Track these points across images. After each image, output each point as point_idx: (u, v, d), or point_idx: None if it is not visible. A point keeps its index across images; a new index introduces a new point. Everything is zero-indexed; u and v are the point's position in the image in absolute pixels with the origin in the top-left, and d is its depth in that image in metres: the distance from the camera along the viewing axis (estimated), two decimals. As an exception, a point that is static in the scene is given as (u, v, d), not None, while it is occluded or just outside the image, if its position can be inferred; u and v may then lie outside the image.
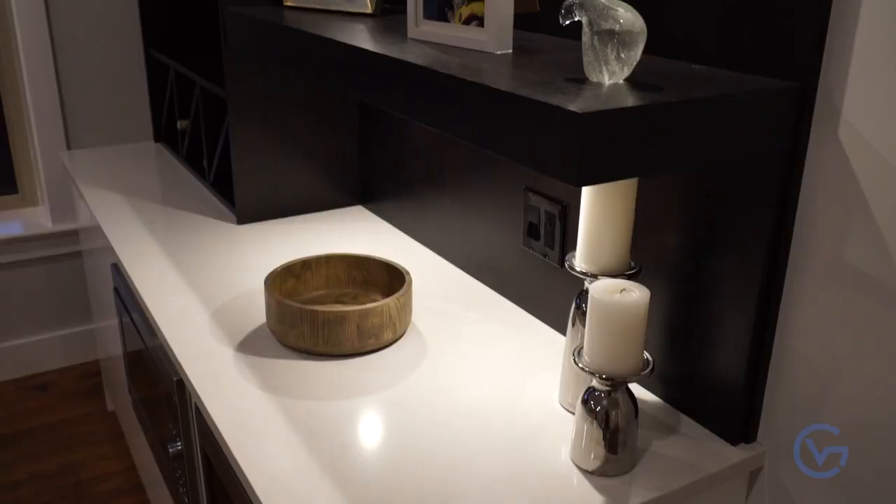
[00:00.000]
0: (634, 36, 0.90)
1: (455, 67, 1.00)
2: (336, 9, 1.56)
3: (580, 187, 0.92)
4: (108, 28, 2.66)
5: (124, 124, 2.77)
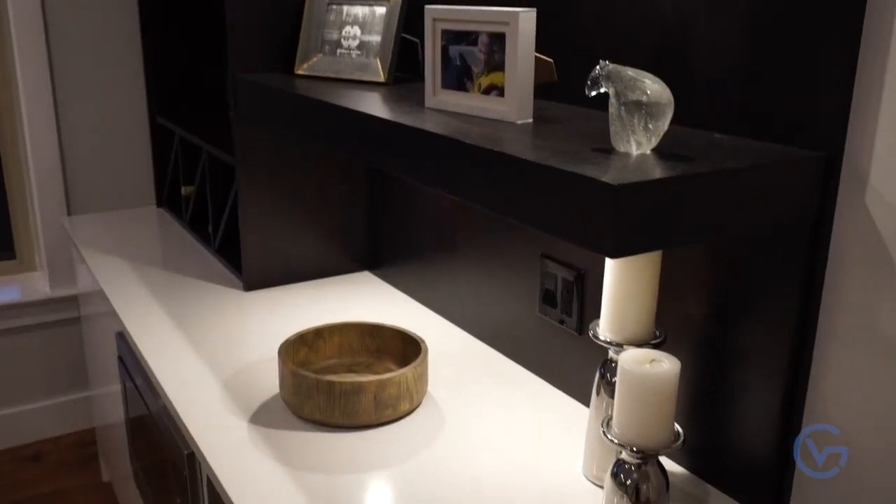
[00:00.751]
0: (662, 107, 0.90)
1: (479, 137, 1.01)
2: (348, 77, 1.58)
3: (615, 258, 0.91)
4: (114, 94, 2.68)
5: (126, 190, 2.77)
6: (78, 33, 2.59)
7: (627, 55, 1.16)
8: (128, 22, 2.63)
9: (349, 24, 1.60)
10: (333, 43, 1.62)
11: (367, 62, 1.56)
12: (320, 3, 1.65)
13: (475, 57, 1.16)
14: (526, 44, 1.09)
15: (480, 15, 1.13)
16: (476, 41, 1.15)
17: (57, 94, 2.60)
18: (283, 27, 1.72)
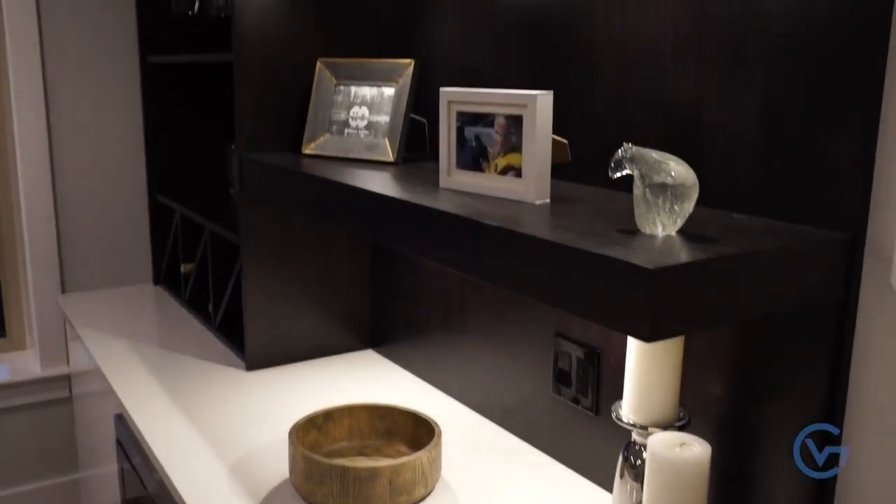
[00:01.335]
0: (687, 189, 0.91)
1: (502, 218, 1.00)
2: (356, 157, 1.59)
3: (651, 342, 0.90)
4: (113, 171, 2.68)
5: (122, 267, 2.75)
6: (78, 108, 2.60)
7: (641, 135, 1.18)
8: (130, 99, 2.65)
9: (357, 104, 1.62)
10: (341, 123, 1.64)
11: (376, 142, 1.57)
12: (328, 84, 1.67)
13: (491, 138, 1.17)
14: (543, 125, 1.10)
15: (497, 98, 1.14)
16: (492, 123, 1.16)
17: (55, 170, 2.60)
18: (290, 107, 1.74)
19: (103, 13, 2.58)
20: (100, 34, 2.59)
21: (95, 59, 2.60)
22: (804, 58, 0.96)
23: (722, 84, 1.06)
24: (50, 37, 2.54)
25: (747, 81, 1.02)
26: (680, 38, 1.11)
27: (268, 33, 1.69)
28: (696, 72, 1.09)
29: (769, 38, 0.99)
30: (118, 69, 2.62)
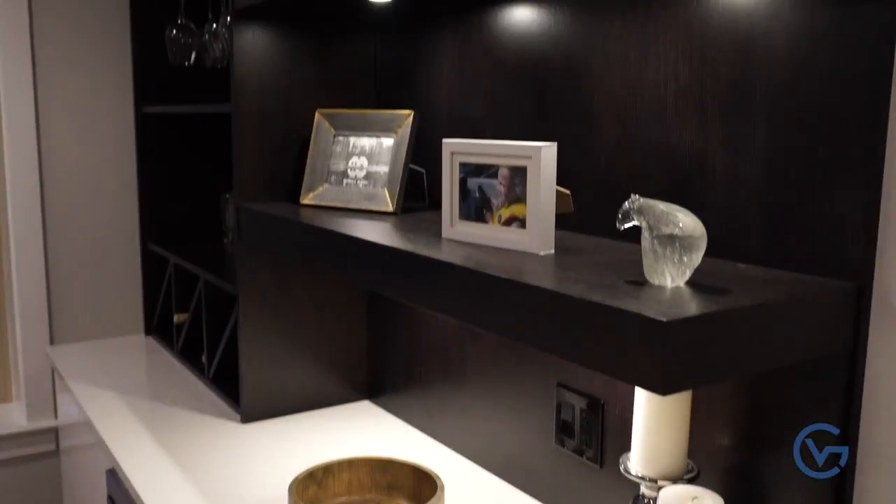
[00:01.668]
0: (695, 240, 0.91)
1: (509, 270, 1.00)
2: (355, 207, 1.59)
3: (665, 395, 0.89)
4: (105, 222, 2.67)
5: (113, 317, 2.72)
6: (71, 157, 2.60)
7: (644, 185, 1.19)
8: (123, 147, 2.65)
9: (356, 154, 1.63)
10: (340, 173, 1.64)
11: (375, 192, 1.58)
12: (327, 135, 1.68)
13: (495, 189, 1.17)
14: (548, 177, 1.11)
15: (501, 149, 1.15)
16: (496, 174, 1.16)
17: (46, 218, 2.59)
18: (288, 157, 1.74)
19: (100, 63, 2.59)
20: (95, 83, 2.60)
21: (90, 107, 2.61)
22: (806, 108, 0.97)
23: (724, 133, 1.07)
24: (44, 84, 2.55)
25: (750, 131, 1.04)
26: (681, 88, 1.12)
27: (266, 84, 1.70)
28: (698, 121, 1.10)
29: (771, 88, 1.01)
30: (113, 118, 2.63)
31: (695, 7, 1.09)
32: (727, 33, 1.05)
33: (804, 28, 0.96)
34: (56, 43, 2.55)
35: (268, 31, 1.68)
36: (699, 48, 1.09)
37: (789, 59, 0.98)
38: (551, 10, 1.32)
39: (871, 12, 0.90)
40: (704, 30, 1.08)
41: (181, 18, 2.22)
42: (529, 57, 1.38)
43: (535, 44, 1.36)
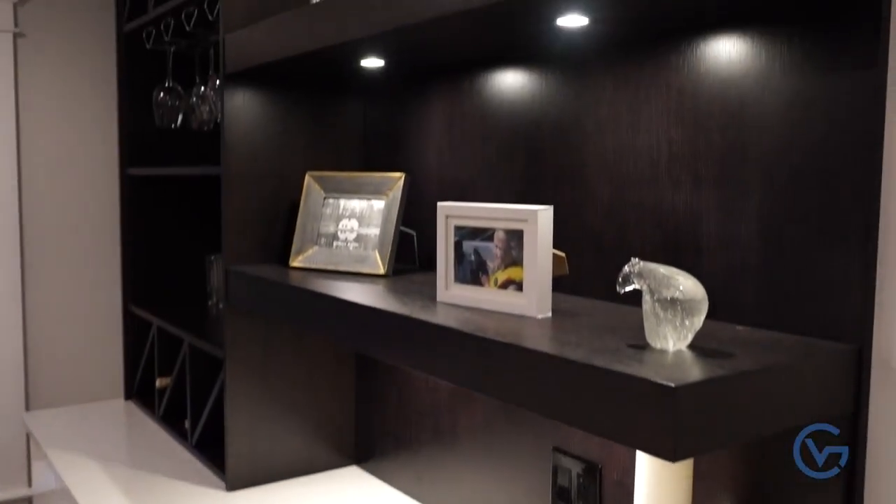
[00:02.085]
0: (697, 304, 0.91)
1: (506, 333, 1.00)
2: (346, 270, 1.58)
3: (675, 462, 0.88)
4: (86, 284, 2.63)
5: (92, 381, 2.66)
6: (53, 217, 2.58)
7: (638, 247, 1.19)
8: (107, 209, 2.63)
9: (346, 217, 1.63)
10: (330, 235, 1.64)
11: (366, 254, 1.57)
12: (316, 197, 1.68)
13: (491, 252, 1.17)
14: (545, 240, 1.11)
15: (497, 212, 1.15)
16: (491, 237, 1.17)
17: (25, 277, 2.55)
18: (277, 220, 1.73)
19: (86, 123, 2.60)
20: (81, 144, 2.60)
21: (74, 167, 2.60)
22: (800, 173, 0.98)
23: (719, 197, 1.08)
24: (28, 142, 2.54)
25: (744, 194, 1.05)
26: (674, 152, 1.13)
27: (256, 146, 1.70)
28: (692, 186, 1.11)
29: (764, 153, 1.02)
30: (97, 179, 2.62)
31: (685, 73, 1.11)
32: (719, 99, 1.07)
33: (794, 95, 0.98)
34: (42, 102, 2.55)
35: (258, 94, 1.70)
36: (691, 113, 1.11)
37: (781, 124, 1.00)
38: (542, 75, 1.35)
39: (860, 79, 0.92)
40: (696, 95, 1.10)
41: (169, 81, 2.23)
42: (520, 120, 1.39)
43: (525, 107, 1.38)
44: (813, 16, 0.96)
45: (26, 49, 2.53)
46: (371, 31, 1.20)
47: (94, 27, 2.59)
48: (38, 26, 2.53)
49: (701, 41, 1.09)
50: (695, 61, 1.10)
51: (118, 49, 2.38)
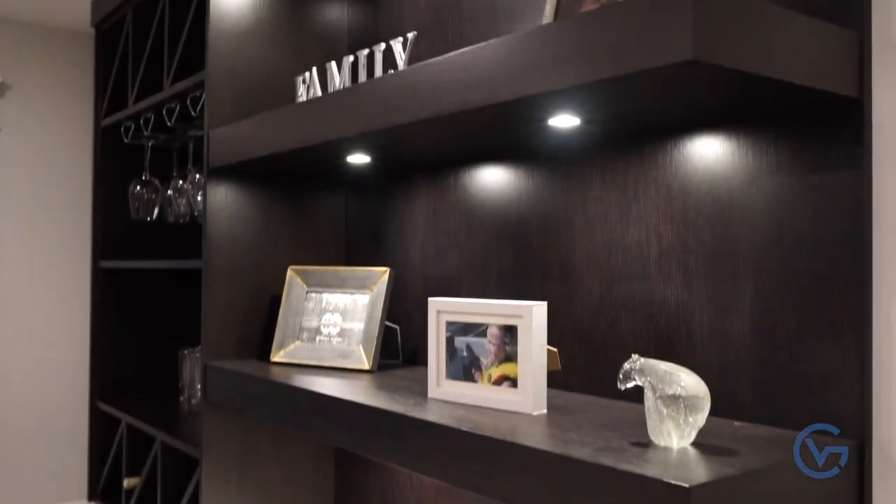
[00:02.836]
0: (699, 400, 0.91)
1: (504, 431, 0.98)
2: (329, 365, 1.55)
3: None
4: (51, 378, 2.55)
5: (53, 482, 2.55)
6: (19, 309, 2.52)
7: (630, 341, 1.19)
8: (77, 301, 2.58)
9: (329, 311, 1.61)
10: (313, 330, 1.62)
11: (350, 349, 1.55)
12: (299, 291, 1.66)
13: (484, 348, 1.16)
14: (539, 335, 1.11)
15: (491, 308, 1.15)
16: (485, 332, 1.16)
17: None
18: (258, 314, 1.71)
19: (59, 217, 2.57)
20: (53, 238, 2.56)
21: (45, 260, 2.55)
22: (791, 269, 1.00)
23: (710, 292, 1.09)
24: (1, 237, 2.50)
25: (736, 290, 1.06)
26: (664, 247, 1.15)
27: (237, 240, 1.69)
28: (683, 280, 1.13)
29: (754, 249, 1.04)
30: (68, 270, 2.58)
31: (673, 171, 1.14)
32: (707, 196, 1.10)
33: (782, 192, 1.01)
34: (14, 193, 2.52)
35: (240, 188, 1.70)
36: (680, 210, 1.13)
37: (770, 220, 1.03)
38: (529, 172, 1.37)
39: (846, 178, 0.95)
40: (685, 193, 1.12)
41: (146, 175, 2.23)
42: (507, 215, 1.41)
43: (512, 202, 1.40)
44: (797, 118, 1.00)
45: (1, 141, 2.52)
46: (362, 129, 1.22)
47: (70, 120, 2.60)
48: (14, 119, 2.53)
49: (687, 140, 1.12)
50: (682, 159, 1.13)
51: (95, 143, 2.38)
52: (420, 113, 1.09)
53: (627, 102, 0.97)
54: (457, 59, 1.04)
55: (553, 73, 0.88)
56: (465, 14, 1.51)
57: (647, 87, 0.87)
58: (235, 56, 1.69)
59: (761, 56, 0.82)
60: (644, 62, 0.79)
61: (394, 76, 1.16)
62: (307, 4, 1.79)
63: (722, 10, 0.78)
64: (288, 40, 1.76)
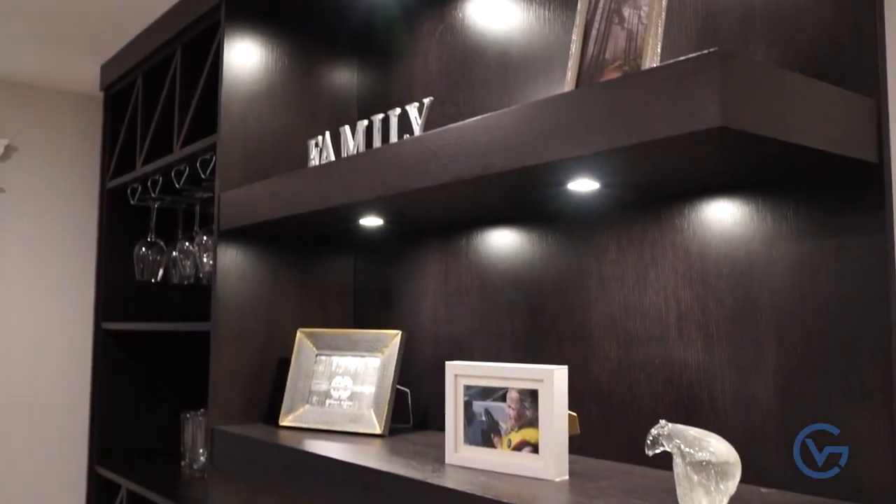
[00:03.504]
0: (730, 466, 0.89)
1: (530, 499, 0.96)
2: (339, 429, 1.53)
3: None
4: (48, 441, 2.51)
5: (46, 550, 2.49)
6: (18, 370, 2.48)
7: (650, 406, 1.18)
8: (78, 361, 2.55)
9: (340, 374, 1.60)
10: (322, 394, 1.60)
11: (361, 413, 1.53)
12: (308, 354, 1.65)
13: (504, 413, 1.15)
14: (561, 400, 1.10)
15: (510, 372, 1.14)
16: (504, 397, 1.15)
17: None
18: (266, 377, 1.69)
19: (61, 277, 2.56)
20: (54, 298, 2.55)
21: (46, 321, 2.54)
22: (814, 332, 1.00)
23: (732, 355, 1.09)
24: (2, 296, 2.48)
25: (758, 353, 1.06)
26: (683, 310, 1.15)
27: (247, 302, 1.68)
28: (703, 343, 1.12)
29: (776, 312, 1.04)
30: (70, 333, 2.56)
31: (692, 235, 1.15)
32: (727, 260, 1.10)
33: (803, 256, 1.02)
34: (16, 254, 2.52)
35: (249, 250, 1.70)
36: (700, 274, 1.13)
37: (792, 284, 1.03)
38: (542, 235, 1.37)
39: (868, 242, 0.95)
40: (704, 257, 1.13)
41: (151, 236, 2.22)
42: (521, 278, 1.41)
43: (526, 265, 1.40)
44: (816, 182, 1.01)
45: (4, 203, 2.52)
46: (381, 193, 1.22)
47: (76, 182, 2.61)
48: (19, 180, 2.54)
49: (704, 204, 1.13)
50: (699, 223, 1.13)
51: (100, 204, 2.38)
52: (441, 177, 1.10)
53: (650, 167, 0.98)
54: (479, 125, 1.05)
55: (582, 138, 0.89)
56: (476, 79, 1.53)
57: (672, 152, 0.88)
58: (247, 119, 1.71)
59: (786, 122, 0.83)
60: (674, 129, 0.80)
61: (413, 140, 1.17)
62: (317, 69, 1.82)
63: (749, 77, 0.79)
64: (299, 104, 1.79)
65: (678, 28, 1.17)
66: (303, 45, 1.81)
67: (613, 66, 0.97)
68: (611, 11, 0.99)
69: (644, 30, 0.93)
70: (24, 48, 2.28)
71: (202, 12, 1.80)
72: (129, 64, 2.22)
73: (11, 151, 2.53)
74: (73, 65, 2.42)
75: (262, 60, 1.75)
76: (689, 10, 1.16)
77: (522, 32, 1.44)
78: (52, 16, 2.06)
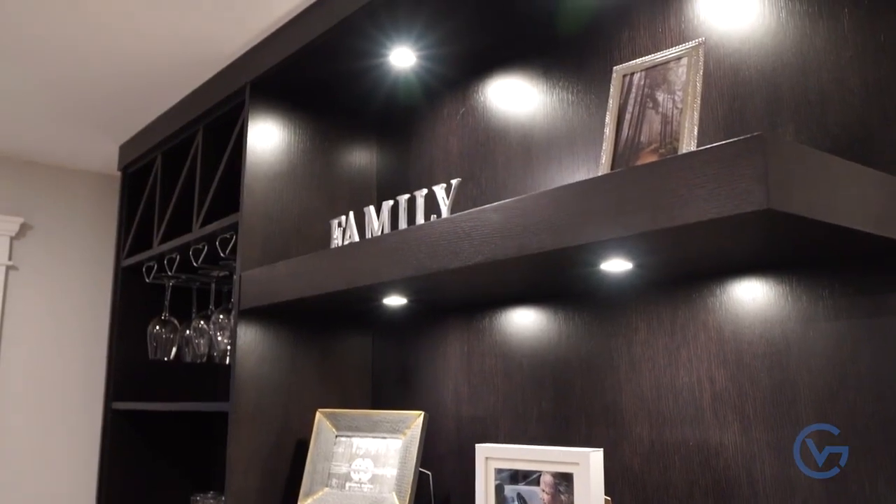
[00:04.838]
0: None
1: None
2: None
3: None
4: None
5: None
6: (25, 452, 2.43)
7: (686, 489, 1.16)
8: (86, 444, 2.51)
9: (360, 456, 1.57)
10: (342, 476, 1.57)
11: (382, 497, 1.50)
12: (328, 435, 1.62)
13: (537, 497, 1.12)
14: (597, 483, 1.08)
15: (544, 454, 1.12)
16: (537, 480, 1.13)
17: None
18: (283, 460, 1.66)
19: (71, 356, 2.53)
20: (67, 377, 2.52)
21: (55, 400, 2.50)
22: (857, 414, 0.99)
23: (771, 437, 1.07)
24: (6, 374, 2.45)
25: (798, 435, 1.04)
26: (717, 391, 1.14)
27: (265, 382, 1.67)
28: (741, 425, 1.10)
29: (815, 392, 1.03)
30: (80, 413, 2.52)
31: (724, 314, 1.14)
32: (762, 340, 1.09)
33: (841, 335, 1.01)
34: (27, 332, 2.50)
35: (268, 330, 1.69)
36: (734, 353, 1.12)
37: (831, 363, 1.02)
38: (568, 314, 1.37)
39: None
40: (737, 336, 1.12)
41: (165, 314, 2.21)
42: (547, 357, 1.40)
43: (552, 344, 1.39)
44: (850, 262, 1.01)
45: (17, 281, 2.52)
46: (412, 273, 1.22)
47: (90, 260, 2.61)
48: (34, 257, 2.54)
49: (735, 283, 1.13)
50: (732, 303, 1.13)
51: (115, 282, 2.38)
52: (474, 257, 1.10)
53: (688, 248, 0.98)
54: (513, 206, 1.06)
55: (624, 218, 0.90)
56: (499, 160, 1.55)
57: (715, 234, 0.89)
58: (269, 199, 1.72)
59: (829, 204, 0.83)
60: (718, 211, 0.80)
61: (445, 221, 1.18)
62: (338, 150, 1.84)
63: (792, 160, 0.80)
64: (319, 185, 1.80)
65: (704, 110, 1.19)
66: (324, 126, 1.84)
67: (649, 149, 0.98)
68: (644, 96, 1.01)
69: (679, 114, 0.95)
70: (42, 127, 2.32)
71: (226, 95, 1.84)
72: (148, 144, 2.25)
73: (27, 230, 2.54)
74: (91, 144, 2.45)
75: (284, 141, 1.77)
76: (714, 92, 1.19)
77: (546, 115, 1.47)
78: (72, 97, 2.10)
